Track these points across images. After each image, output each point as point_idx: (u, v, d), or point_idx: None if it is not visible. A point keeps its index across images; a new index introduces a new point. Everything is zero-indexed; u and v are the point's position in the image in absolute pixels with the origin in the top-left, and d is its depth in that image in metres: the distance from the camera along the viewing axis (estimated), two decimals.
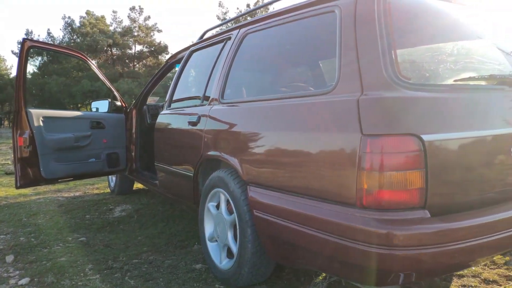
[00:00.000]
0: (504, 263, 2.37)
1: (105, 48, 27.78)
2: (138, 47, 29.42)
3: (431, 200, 1.40)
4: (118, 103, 3.97)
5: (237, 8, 28.37)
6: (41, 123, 3.29)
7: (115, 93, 3.97)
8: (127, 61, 29.31)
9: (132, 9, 28.65)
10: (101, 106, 4.05)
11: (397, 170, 1.37)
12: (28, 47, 3.19)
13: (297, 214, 1.64)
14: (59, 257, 2.73)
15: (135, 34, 28.91)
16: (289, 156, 1.72)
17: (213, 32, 3.13)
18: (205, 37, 3.16)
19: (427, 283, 2.22)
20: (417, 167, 1.37)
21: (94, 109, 4.17)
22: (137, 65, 29.96)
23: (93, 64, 3.80)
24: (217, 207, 2.29)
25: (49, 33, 30.99)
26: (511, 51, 2.03)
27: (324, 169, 1.55)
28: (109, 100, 3.95)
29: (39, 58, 29.00)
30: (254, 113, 2.01)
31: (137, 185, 5.12)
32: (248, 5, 26.77)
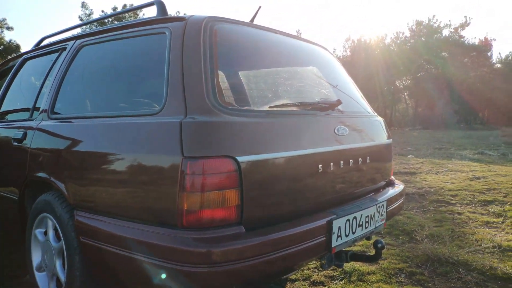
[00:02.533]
0: (321, 266, 2.67)
1: None
2: None
3: (247, 216, 1.51)
4: None
5: (102, 11, 26.75)
6: None
7: None
8: None
9: None
10: None
11: (215, 190, 1.44)
12: None
13: (123, 239, 1.59)
14: None
15: None
16: (114, 178, 1.67)
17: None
18: (42, 44, 2.89)
19: None
20: (233, 186, 1.46)
21: None
22: None
23: None
24: (46, 233, 2.09)
25: None
26: (336, 84, 2.32)
27: (148, 191, 1.54)
28: None
29: None
30: (81, 131, 1.91)
31: None
32: (115, 8, 25.48)
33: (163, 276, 1.43)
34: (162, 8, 1.97)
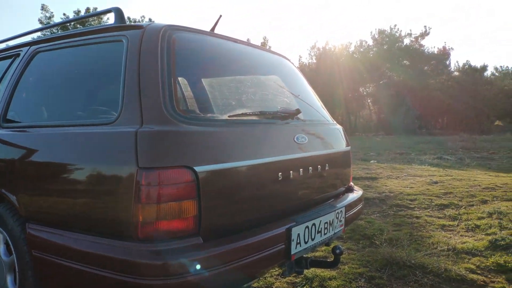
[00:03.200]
0: (281, 273, 2.69)
1: None
2: None
3: (205, 226, 1.50)
4: None
5: (64, 14, 25.97)
6: None
7: None
8: None
9: None
10: None
11: (171, 201, 1.42)
12: None
13: (77, 252, 1.55)
14: None
15: None
16: (68, 189, 1.63)
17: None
18: None
19: None
20: (190, 197, 1.45)
21: None
22: None
23: None
24: None
25: None
26: (298, 95, 2.35)
27: (103, 203, 1.51)
28: None
29: None
30: (34, 141, 1.84)
31: None
32: (77, 12, 24.81)
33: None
34: (120, 16, 1.94)
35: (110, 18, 24.73)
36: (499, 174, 6.76)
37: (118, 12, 1.95)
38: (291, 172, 1.89)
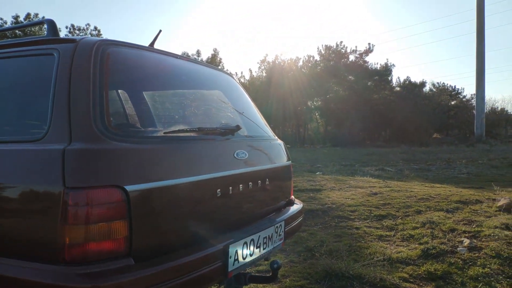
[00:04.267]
0: None
1: None
2: None
3: (137, 247, 1.46)
4: None
5: (1, 19, 24.54)
6: None
7: None
8: None
9: None
10: None
11: (100, 222, 1.38)
12: None
13: (0, 278, 1.45)
14: None
15: None
16: None
17: None
18: None
19: None
20: (120, 217, 1.42)
21: None
22: None
23: None
24: None
25: None
26: (242, 112, 2.38)
27: (28, 224, 1.44)
28: None
29: None
30: None
31: None
32: (16, 17, 23.54)
33: None
34: (52, 28, 1.87)
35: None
36: (434, 185, 7.19)
37: (51, 25, 1.88)
38: (230, 188, 1.90)
